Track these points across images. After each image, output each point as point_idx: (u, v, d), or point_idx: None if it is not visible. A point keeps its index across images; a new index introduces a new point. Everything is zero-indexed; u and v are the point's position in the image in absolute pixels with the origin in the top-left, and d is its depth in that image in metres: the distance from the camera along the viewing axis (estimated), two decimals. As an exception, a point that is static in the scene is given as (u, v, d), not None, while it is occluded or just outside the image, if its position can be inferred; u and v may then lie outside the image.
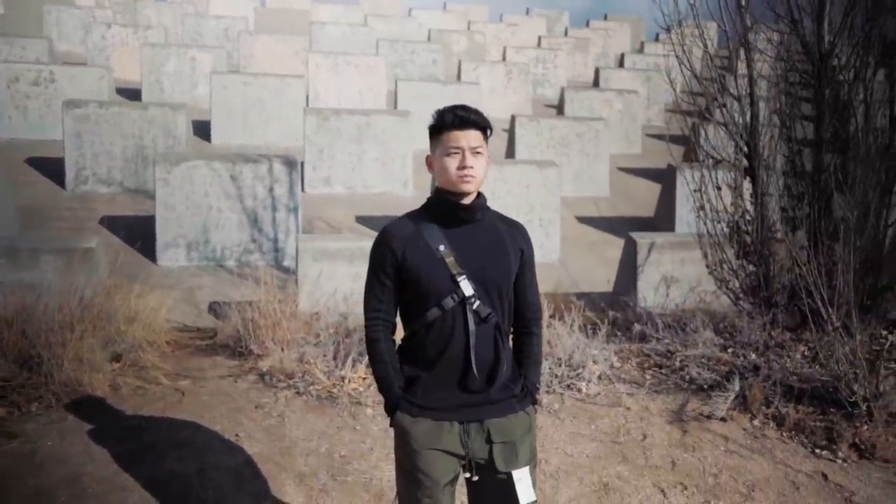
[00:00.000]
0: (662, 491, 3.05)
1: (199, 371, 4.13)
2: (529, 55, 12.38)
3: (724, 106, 4.49)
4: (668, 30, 4.62)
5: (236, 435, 3.25)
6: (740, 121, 4.42)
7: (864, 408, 3.46)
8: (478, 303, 1.90)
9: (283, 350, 4.06)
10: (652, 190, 8.92)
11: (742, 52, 4.38)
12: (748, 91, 4.37)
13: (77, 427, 3.28)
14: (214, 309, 5.34)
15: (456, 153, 1.88)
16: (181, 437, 3.19)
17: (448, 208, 1.94)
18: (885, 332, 4.31)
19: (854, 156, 4.34)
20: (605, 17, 16.77)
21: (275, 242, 6.55)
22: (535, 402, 2.03)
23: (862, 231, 4.02)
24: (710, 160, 4.56)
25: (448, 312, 1.90)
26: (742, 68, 4.42)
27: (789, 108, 4.57)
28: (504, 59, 12.48)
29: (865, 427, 3.44)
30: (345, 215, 7.62)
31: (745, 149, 4.42)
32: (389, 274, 1.95)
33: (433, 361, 1.92)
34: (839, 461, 3.31)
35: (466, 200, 1.94)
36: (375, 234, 2.05)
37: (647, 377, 3.96)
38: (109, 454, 3.06)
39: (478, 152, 1.90)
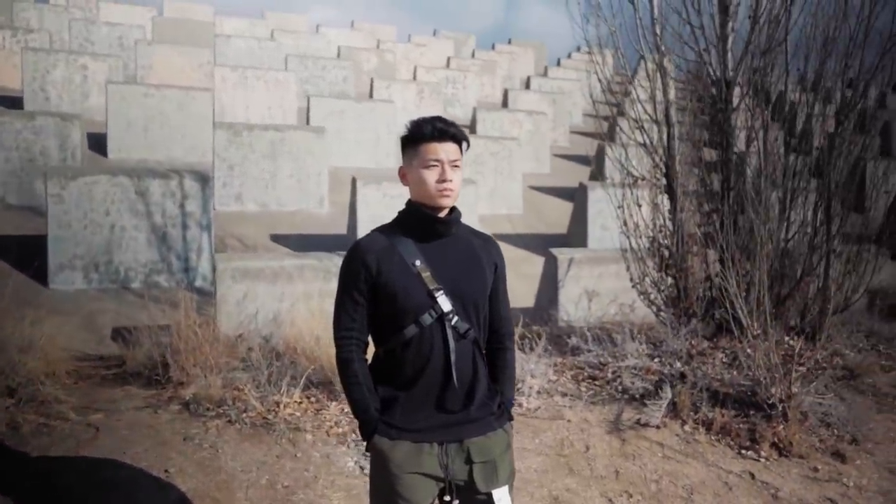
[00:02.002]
0: (610, 500, 3.11)
1: (110, 403, 3.77)
2: (439, 75, 12.55)
3: (642, 127, 4.73)
4: (588, 52, 4.83)
5: (166, 471, 2.98)
6: (658, 142, 4.68)
7: (780, 408, 3.72)
8: (456, 318, 1.86)
9: (207, 376, 3.80)
10: (562, 208, 9.26)
11: (658, 77, 4.66)
12: (665, 114, 4.65)
13: (-29, 474, 2.89)
14: (123, 335, 4.92)
15: (435, 166, 1.84)
16: (102, 478, 2.88)
17: (424, 222, 1.89)
18: (787, 338, 4.69)
19: (754, 176, 4.71)
20: (510, 42, 17.37)
21: (185, 262, 6.17)
22: (511, 418, 2.00)
23: (768, 245, 4.36)
24: (630, 178, 4.79)
25: (426, 329, 1.84)
26: (659, 94, 4.69)
27: (698, 132, 4.89)
28: (415, 78, 12.57)
29: (782, 427, 3.69)
30: (258, 234, 7.32)
31: (664, 168, 4.69)
32: (363, 291, 1.87)
33: (411, 381, 1.85)
34: (762, 460, 3.53)
35: (442, 214, 1.90)
36: (293, 252, 1.97)
37: (583, 389, 4.05)
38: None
39: (456, 165, 1.87)
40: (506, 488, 1.91)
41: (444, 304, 1.85)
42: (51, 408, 3.60)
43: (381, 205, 7.05)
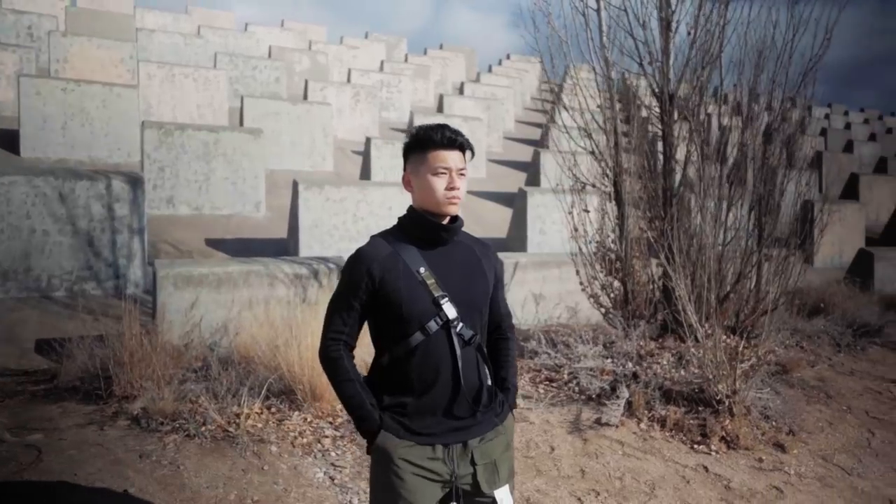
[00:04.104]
0: (579, 499, 3.19)
1: (47, 421, 3.51)
2: (374, 78, 12.47)
3: (590, 136, 4.89)
4: (540, 61, 4.94)
5: (125, 491, 2.79)
6: (606, 150, 4.85)
7: (727, 404, 3.93)
8: (461, 325, 1.86)
9: (158, 388, 3.60)
10: (499, 212, 9.41)
11: (607, 88, 4.83)
12: (613, 124, 4.82)
13: None
14: (54, 346, 4.58)
15: (444, 173, 1.83)
16: (55, 502, 2.67)
17: (429, 229, 1.88)
18: (725, 337, 4.96)
19: (695, 184, 4.98)
20: (441, 47, 17.49)
21: (115, 269, 5.82)
22: (514, 405, 2.02)
23: (710, 249, 4.61)
24: (579, 185, 4.93)
25: (432, 337, 1.83)
26: (606, 104, 4.86)
27: (643, 141, 5.11)
28: (349, 80, 12.43)
29: (729, 421, 3.91)
30: (193, 238, 7.01)
31: (611, 175, 4.86)
32: (361, 298, 1.84)
33: (419, 388, 1.84)
34: (713, 453, 3.72)
35: (445, 221, 1.90)
36: (230, 258, 1.92)
37: (541, 391, 4.13)
38: (-45, 534, 2.47)
39: (462, 174, 1.87)
40: (507, 487, 1.93)
41: (450, 310, 1.84)
42: (-21, 429, 3.31)
43: (323, 209, 6.90)
